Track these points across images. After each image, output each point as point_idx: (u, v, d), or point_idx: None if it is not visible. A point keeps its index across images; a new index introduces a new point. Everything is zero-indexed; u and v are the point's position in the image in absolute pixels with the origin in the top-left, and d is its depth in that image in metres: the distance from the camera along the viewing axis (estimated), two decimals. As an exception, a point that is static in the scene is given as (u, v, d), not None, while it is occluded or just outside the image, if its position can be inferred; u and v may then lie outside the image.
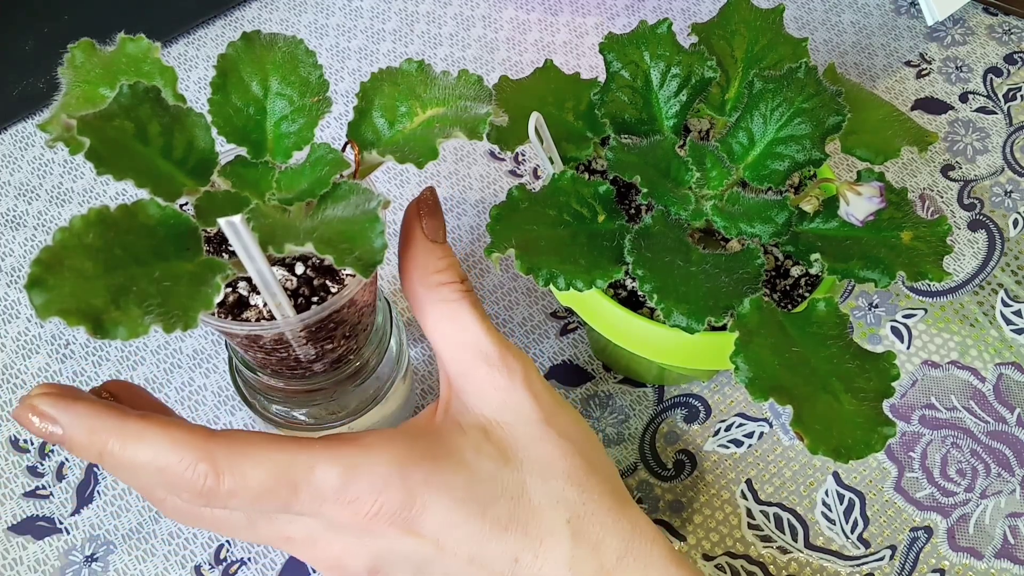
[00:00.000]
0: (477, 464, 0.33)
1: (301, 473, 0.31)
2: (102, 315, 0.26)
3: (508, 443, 0.34)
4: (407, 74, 0.34)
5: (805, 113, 0.37)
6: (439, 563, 0.33)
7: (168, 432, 0.30)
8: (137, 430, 0.30)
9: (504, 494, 0.33)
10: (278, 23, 0.64)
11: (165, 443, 0.30)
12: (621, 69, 0.41)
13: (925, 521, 0.46)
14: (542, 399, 0.35)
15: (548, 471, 0.34)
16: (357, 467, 0.32)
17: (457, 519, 0.32)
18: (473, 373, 0.35)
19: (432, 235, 0.35)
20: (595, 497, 0.34)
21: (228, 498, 0.31)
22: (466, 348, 0.35)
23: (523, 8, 0.64)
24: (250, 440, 0.31)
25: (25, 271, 0.52)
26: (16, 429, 0.48)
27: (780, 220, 0.37)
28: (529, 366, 0.35)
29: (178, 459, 0.30)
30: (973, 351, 0.50)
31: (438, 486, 0.32)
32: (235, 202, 0.31)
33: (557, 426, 0.35)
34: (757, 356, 0.33)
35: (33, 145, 0.58)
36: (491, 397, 0.34)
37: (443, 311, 0.35)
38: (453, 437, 0.34)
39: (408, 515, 0.32)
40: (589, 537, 0.33)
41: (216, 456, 0.30)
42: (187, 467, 0.30)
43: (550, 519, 0.33)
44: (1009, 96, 0.59)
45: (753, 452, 0.48)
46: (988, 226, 0.54)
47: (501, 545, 0.33)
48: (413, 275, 0.35)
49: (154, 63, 0.33)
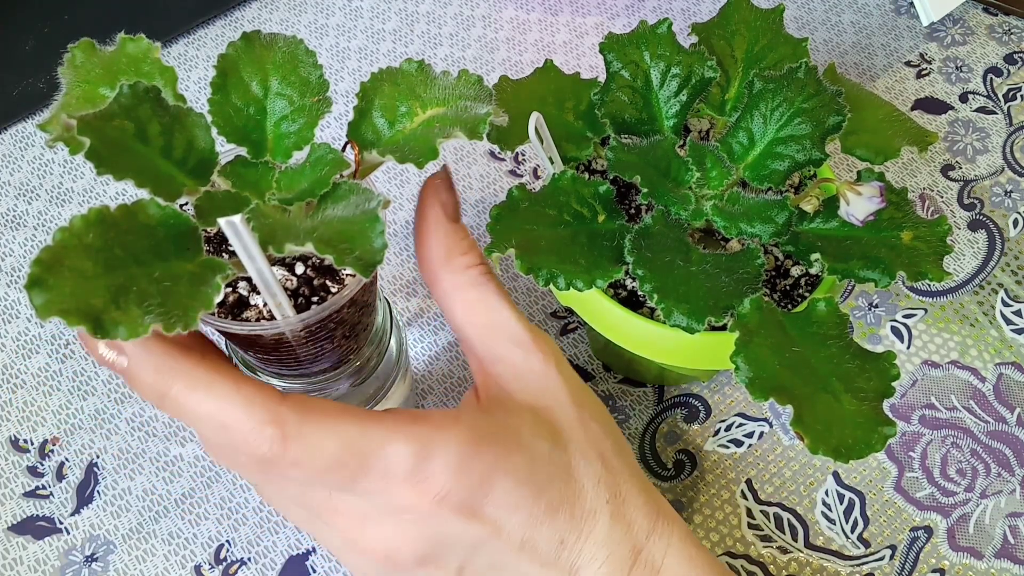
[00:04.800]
0: (534, 445, 0.33)
1: (373, 448, 0.29)
2: (102, 315, 0.26)
3: (555, 424, 0.34)
4: (407, 74, 0.34)
5: (805, 113, 0.37)
6: (490, 548, 0.32)
7: (239, 388, 0.28)
8: (207, 379, 0.28)
9: (557, 476, 0.33)
10: (278, 23, 0.64)
11: (234, 398, 0.28)
12: (621, 69, 0.41)
13: (925, 521, 0.46)
14: (572, 383, 0.35)
15: (589, 452, 0.34)
16: (431, 446, 0.30)
17: (517, 501, 0.32)
18: (509, 358, 0.34)
19: (452, 216, 0.34)
20: (626, 477, 0.34)
21: (291, 467, 0.29)
22: (499, 334, 0.34)
23: (523, 8, 0.64)
24: (323, 408, 0.30)
25: (25, 271, 0.52)
26: (16, 429, 0.48)
27: (780, 220, 0.37)
28: (556, 350, 0.35)
29: (245, 417, 0.28)
30: (973, 351, 0.50)
31: (504, 468, 0.31)
32: (235, 202, 0.31)
33: (588, 409, 0.35)
34: (757, 356, 0.33)
35: (33, 145, 0.58)
36: (530, 382, 0.34)
37: (472, 295, 0.34)
38: (508, 417, 0.33)
39: (476, 499, 0.31)
40: (624, 517, 0.34)
41: (286, 421, 0.28)
42: (252, 428, 0.28)
43: (593, 500, 0.33)
44: (1009, 96, 0.59)
45: (753, 452, 0.48)
46: (988, 226, 0.54)
47: (551, 528, 0.32)
48: (436, 258, 0.33)
49: (154, 63, 0.33)
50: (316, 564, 0.45)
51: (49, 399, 0.49)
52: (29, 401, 0.49)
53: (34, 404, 0.49)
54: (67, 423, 0.49)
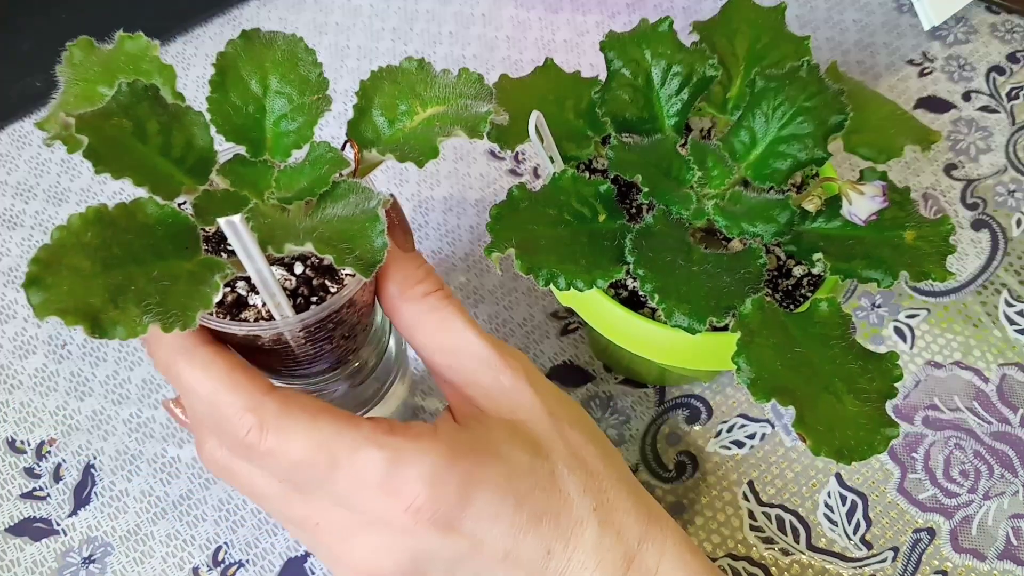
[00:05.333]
0: (513, 455, 0.33)
1: (344, 450, 0.30)
2: (100, 314, 0.26)
3: (534, 436, 0.34)
4: (407, 72, 0.34)
5: (807, 112, 0.37)
6: (472, 561, 0.32)
7: (231, 373, 0.30)
8: (205, 360, 0.31)
9: (537, 486, 0.33)
10: (277, 21, 0.63)
11: (224, 382, 0.30)
12: (622, 67, 0.41)
13: (928, 522, 0.46)
14: (546, 395, 0.35)
15: (571, 461, 0.34)
16: (405, 457, 0.31)
17: (497, 513, 0.32)
18: (478, 380, 0.34)
19: (403, 247, 0.35)
20: (614, 484, 0.34)
21: (265, 456, 0.30)
22: (465, 356, 0.34)
23: (523, 6, 0.64)
24: (304, 405, 0.31)
25: (22, 271, 0.52)
26: (13, 430, 0.48)
27: (782, 219, 0.37)
28: (527, 364, 0.35)
29: (230, 401, 0.30)
30: (976, 351, 0.50)
31: (482, 480, 0.32)
32: (234, 201, 0.31)
33: (566, 419, 0.35)
34: (759, 357, 0.33)
35: (30, 144, 0.58)
36: (501, 401, 0.34)
37: (434, 322, 0.34)
38: (486, 431, 0.34)
39: (453, 512, 0.31)
40: (613, 524, 0.33)
41: (266, 410, 0.30)
42: (235, 412, 0.30)
43: (579, 508, 0.33)
44: (1012, 95, 0.59)
45: (755, 453, 0.48)
46: (991, 226, 0.54)
47: (536, 538, 0.32)
48: (392, 289, 0.34)
49: (153, 61, 0.33)
50: (315, 566, 0.45)
51: (46, 400, 0.49)
52: (26, 402, 0.49)
53: (31, 405, 0.49)
54: (64, 424, 0.49)
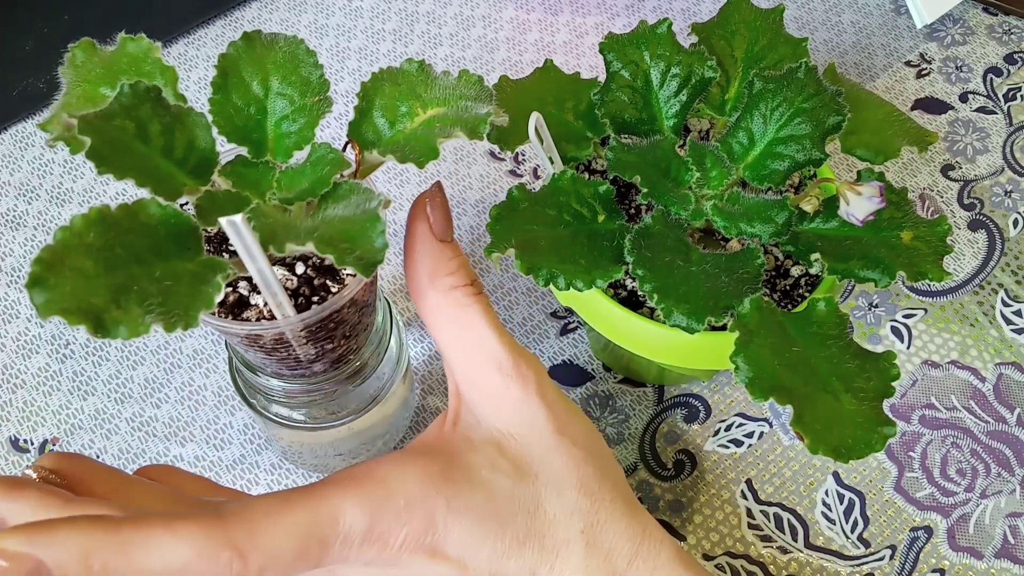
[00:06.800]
0: (494, 481, 0.33)
1: (327, 527, 0.30)
2: (103, 314, 0.26)
3: (523, 456, 0.34)
4: (408, 74, 0.34)
5: (805, 113, 0.37)
6: None
7: (174, 529, 0.27)
8: (139, 537, 0.27)
9: (521, 510, 0.33)
10: (278, 23, 0.64)
11: (176, 543, 0.27)
12: (621, 69, 0.41)
13: (925, 521, 0.46)
14: (556, 408, 0.34)
15: (562, 482, 0.34)
16: (379, 504, 0.31)
17: (479, 539, 0.32)
18: (485, 383, 0.34)
19: (441, 234, 0.34)
20: (607, 504, 0.34)
21: (259, 574, 0.29)
22: (479, 355, 0.34)
23: (523, 8, 0.64)
24: (264, 508, 0.29)
25: (25, 271, 0.52)
26: (16, 429, 0.48)
27: (780, 220, 0.37)
28: (541, 373, 0.35)
29: (196, 555, 0.27)
30: (973, 351, 0.50)
31: (459, 508, 0.32)
32: (236, 201, 0.31)
33: (570, 435, 0.34)
34: (757, 356, 0.33)
35: (33, 145, 0.58)
36: (504, 409, 0.34)
37: (455, 316, 0.33)
38: (467, 455, 0.33)
39: (432, 540, 0.31)
40: (602, 545, 0.33)
41: (235, 538, 0.28)
42: (209, 561, 0.27)
43: (565, 530, 0.33)
44: (1009, 96, 0.59)
45: (753, 452, 0.48)
46: (988, 226, 0.54)
47: (520, 561, 0.32)
48: (422, 277, 0.34)
49: (155, 63, 0.33)
50: (316, 564, 0.45)
51: (49, 399, 0.49)
52: (29, 401, 0.49)
53: (34, 404, 0.49)
54: (67, 423, 0.49)
